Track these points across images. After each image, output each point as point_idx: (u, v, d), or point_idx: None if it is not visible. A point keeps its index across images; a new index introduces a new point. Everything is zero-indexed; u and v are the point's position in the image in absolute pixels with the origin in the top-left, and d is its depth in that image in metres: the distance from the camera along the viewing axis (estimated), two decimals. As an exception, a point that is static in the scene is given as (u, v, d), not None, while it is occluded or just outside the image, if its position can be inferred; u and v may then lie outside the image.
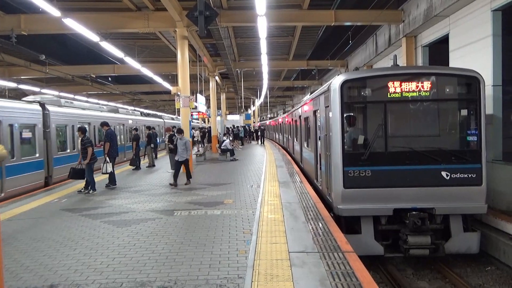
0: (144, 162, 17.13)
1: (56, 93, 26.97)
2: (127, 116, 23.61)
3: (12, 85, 22.57)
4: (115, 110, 22.51)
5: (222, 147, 19.15)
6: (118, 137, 18.11)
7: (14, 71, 22.75)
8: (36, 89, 25.01)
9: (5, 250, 5.20)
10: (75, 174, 10.35)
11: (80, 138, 10.76)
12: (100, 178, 12.69)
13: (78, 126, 12.35)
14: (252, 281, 4.32)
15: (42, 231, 6.78)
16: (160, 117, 35.41)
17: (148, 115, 31.61)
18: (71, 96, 28.70)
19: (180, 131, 11.56)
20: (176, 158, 11.31)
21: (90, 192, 10.33)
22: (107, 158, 10.98)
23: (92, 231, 6.67)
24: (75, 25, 12.09)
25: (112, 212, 8.06)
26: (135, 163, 15.50)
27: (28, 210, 8.60)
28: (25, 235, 6.56)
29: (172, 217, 7.42)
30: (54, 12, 10.79)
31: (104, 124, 11.89)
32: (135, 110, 33.17)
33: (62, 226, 7.09)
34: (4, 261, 4.49)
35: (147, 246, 5.72)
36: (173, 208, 8.20)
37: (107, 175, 11.20)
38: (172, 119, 40.69)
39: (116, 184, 11.32)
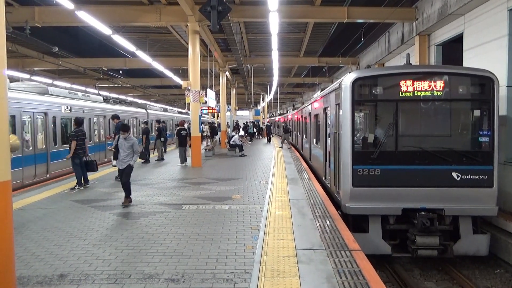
0: (154, 155, 17.26)
1: (68, 85, 27.26)
2: (60, 100, 14.18)
3: (26, 76, 22.86)
4: (43, 91, 13.72)
5: (231, 143, 19.19)
6: (32, 134, 11.90)
7: (28, 62, 23.05)
8: (49, 80, 25.29)
9: (16, 239, 5.28)
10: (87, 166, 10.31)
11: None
12: (109, 171, 12.84)
13: (75, 117, 10.89)
14: (259, 277, 4.34)
15: (53, 221, 6.88)
16: (143, 107, 26.39)
17: (120, 102, 22.82)
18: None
19: (126, 128, 8.32)
20: (116, 164, 8.42)
21: (76, 188, 9.95)
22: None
23: (101, 222, 6.75)
24: (88, 18, 12.18)
25: (121, 204, 8.13)
26: (145, 157, 15.62)
27: (39, 200, 8.73)
28: (36, 225, 6.67)
29: (180, 211, 7.47)
30: (68, 4, 10.89)
31: (115, 117, 11.98)
32: (99, 94, 22.51)
33: (72, 216, 7.19)
34: (16, 249, 4.56)
35: (155, 239, 5.77)
36: (182, 202, 8.25)
37: (117, 168, 11.27)
38: (165, 110, 33.68)
39: (125, 177, 11.39)
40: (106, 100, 20.26)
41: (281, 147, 23.41)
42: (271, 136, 32.34)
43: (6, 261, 3.73)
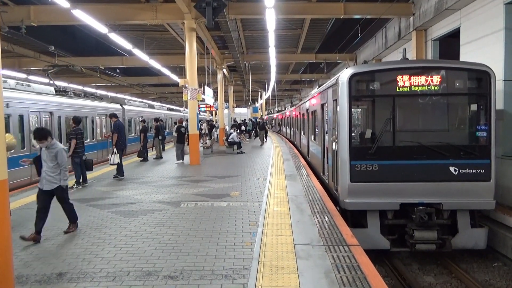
0: (152, 154, 17.24)
1: (65, 84, 27.19)
2: None
3: (22, 75, 22.78)
4: None
5: (229, 140, 19.18)
6: None
7: (24, 62, 22.95)
8: (45, 80, 25.18)
9: (15, 238, 5.28)
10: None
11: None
12: (108, 169, 12.83)
13: (74, 115, 10.73)
14: (257, 273, 4.35)
15: (51, 220, 6.82)
16: (119, 102, 22.26)
17: (85, 95, 18.44)
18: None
19: (41, 134, 5.89)
20: (39, 185, 5.92)
21: (74, 187, 9.83)
22: (115, 149, 11.05)
23: (100, 221, 6.75)
24: (84, 16, 12.12)
25: (119, 202, 8.13)
26: (143, 155, 15.61)
27: (38, 200, 8.70)
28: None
29: (178, 209, 7.47)
30: (63, 3, 10.83)
31: (113, 115, 11.97)
32: (53, 84, 16.74)
33: (70, 215, 7.17)
34: (14, 248, 4.56)
35: (153, 237, 5.77)
36: (180, 200, 8.25)
37: (115, 166, 11.30)
38: (151, 106, 29.20)
39: (123, 175, 11.41)
40: (62, 92, 15.86)
41: (262, 145, 23.03)
42: (266, 136, 30.94)
43: (4, 260, 3.73)
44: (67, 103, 14.99)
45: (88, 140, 16.08)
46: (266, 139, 27.43)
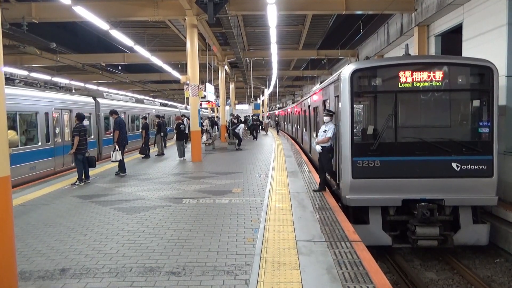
0: (154, 150, 17.26)
1: (67, 81, 27.20)
2: None
3: (24, 73, 22.79)
4: None
5: (235, 130, 19.10)
6: None
7: (26, 59, 22.98)
8: (47, 77, 25.22)
9: (17, 234, 5.30)
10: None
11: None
12: (110, 166, 12.86)
13: (77, 112, 10.80)
14: (259, 268, 4.36)
15: (54, 216, 6.90)
16: (95, 95, 18.22)
17: (44, 85, 14.71)
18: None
19: None
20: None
21: (76, 183, 9.93)
22: (117, 146, 11.07)
23: (102, 217, 6.77)
24: (85, 13, 12.10)
25: (121, 199, 8.16)
26: (145, 152, 15.63)
27: (40, 196, 8.74)
28: (37, 220, 6.68)
29: (180, 205, 7.49)
30: (65, -1, 10.82)
31: (113, 112, 11.98)
32: None
33: (73, 212, 7.21)
34: (17, 245, 4.58)
35: (156, 233, 5.79)
36: (182, 196, 8.27)
37: (117, 163, 11.32)
38: (140, 101, 25.25)
39: (125, 172, 11.43)
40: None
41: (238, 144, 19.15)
42: (257, 132, 27.64)
43: (7, 256, 3.75)
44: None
45: (40, 143, 12.29)
46: (256, 137, 25.70)
